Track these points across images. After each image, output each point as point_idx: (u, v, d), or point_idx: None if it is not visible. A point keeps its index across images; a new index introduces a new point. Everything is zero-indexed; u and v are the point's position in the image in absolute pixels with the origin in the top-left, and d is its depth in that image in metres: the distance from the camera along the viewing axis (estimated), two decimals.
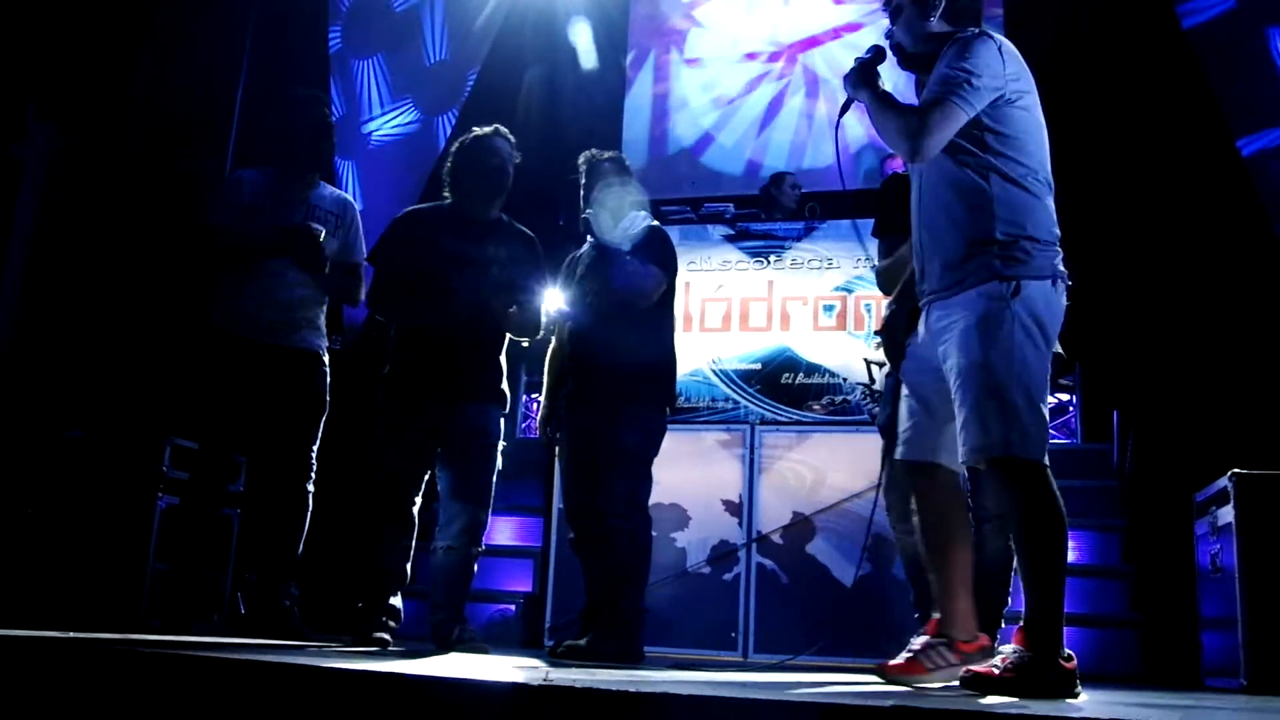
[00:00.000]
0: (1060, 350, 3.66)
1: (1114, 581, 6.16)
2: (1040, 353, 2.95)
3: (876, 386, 6.34)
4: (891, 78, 3.34)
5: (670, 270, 4.70)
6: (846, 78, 3.30)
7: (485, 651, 4.33)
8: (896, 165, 7.33)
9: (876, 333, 4.77)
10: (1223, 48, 7.74)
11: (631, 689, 1.85)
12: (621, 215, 4.75)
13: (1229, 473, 4.77)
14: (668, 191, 8.47)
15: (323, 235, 4.60)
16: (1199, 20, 7.84)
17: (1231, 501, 4.71)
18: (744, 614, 6.03)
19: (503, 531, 6.64)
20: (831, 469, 6.14)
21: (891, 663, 3.07)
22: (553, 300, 5.05)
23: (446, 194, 4.70)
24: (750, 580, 6.07)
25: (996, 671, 2.78)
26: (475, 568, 4.55)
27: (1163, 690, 4.25)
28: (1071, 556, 6.35)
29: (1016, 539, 2.98)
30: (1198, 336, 7.37)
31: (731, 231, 7.25)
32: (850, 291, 6.70)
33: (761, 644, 5.91)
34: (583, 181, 4.87)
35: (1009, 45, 3.13)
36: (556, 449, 4.95)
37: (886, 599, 5.71)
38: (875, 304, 6.38)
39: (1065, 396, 7.78)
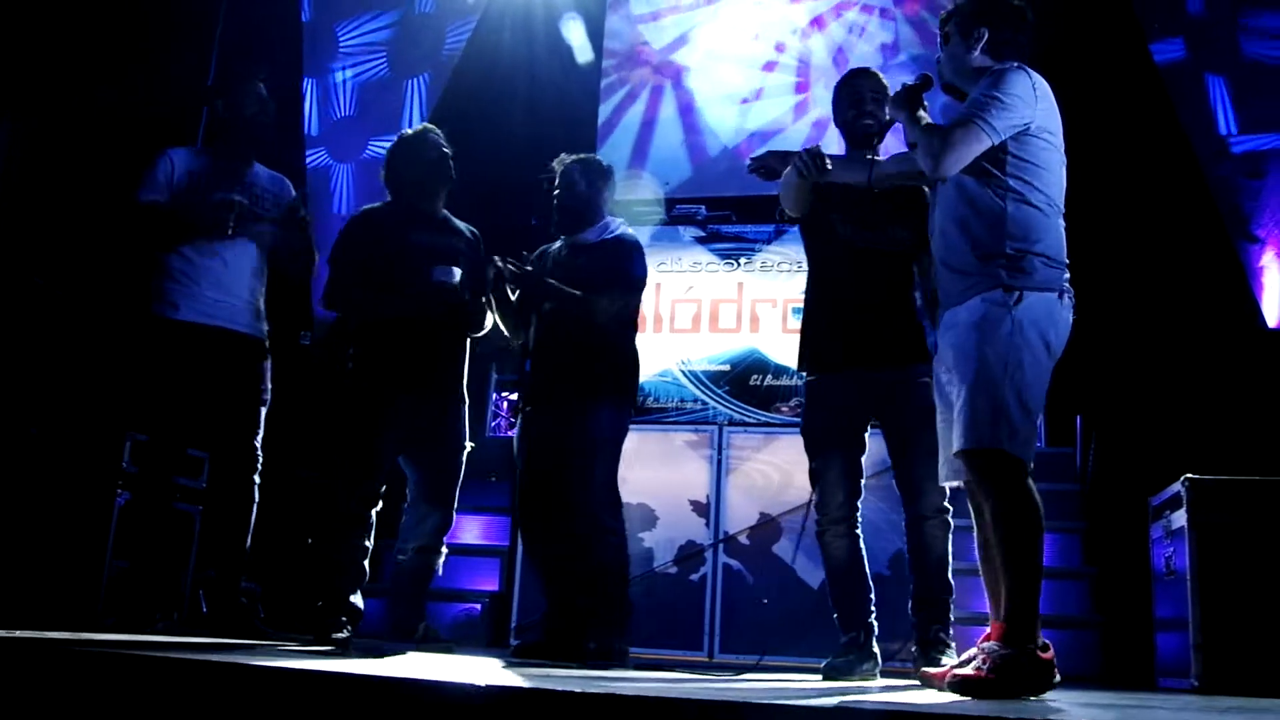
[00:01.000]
0: None
1: (1075, 583, 6.23)
2: (1037, 361, 3.06)
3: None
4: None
5: (626, 287, 4.72)
6: (892, 100, 3.45)
7: (450, 650, 4.38)
8: None
9: None
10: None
11: (584, 689, 1.89)
12: (592, 218, 4.78)
13: (1182, 478, 4.85)
14: (640, 192, 8.50)
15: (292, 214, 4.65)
16: (1165, 59, 8.03)
17: (1184, 506, 4.79)
18: (710, 614, 6.07)
19: (469, 530, 6.66)
20: (798, 470, 6.16)
21: (964, 673, 2.98)
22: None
23: (389, 195, 4.80)
24: (717, 580, 6.11)
25: (979, 672, 2.86)
26: (440, 569, 4.61)
27: (1116, 691, 4.32)
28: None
29: (995, 534, 3.05)
30: (1157, 345, 7.48)
31: (702, 233, 7.31)
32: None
33: (727, 644, 5.95)
34: (556, 183, 4.86)
35: (1043, 83, 3.25)
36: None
37: None
38: None
39: None
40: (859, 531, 4.18)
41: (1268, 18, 7.86)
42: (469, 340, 4.75)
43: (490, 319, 4.80)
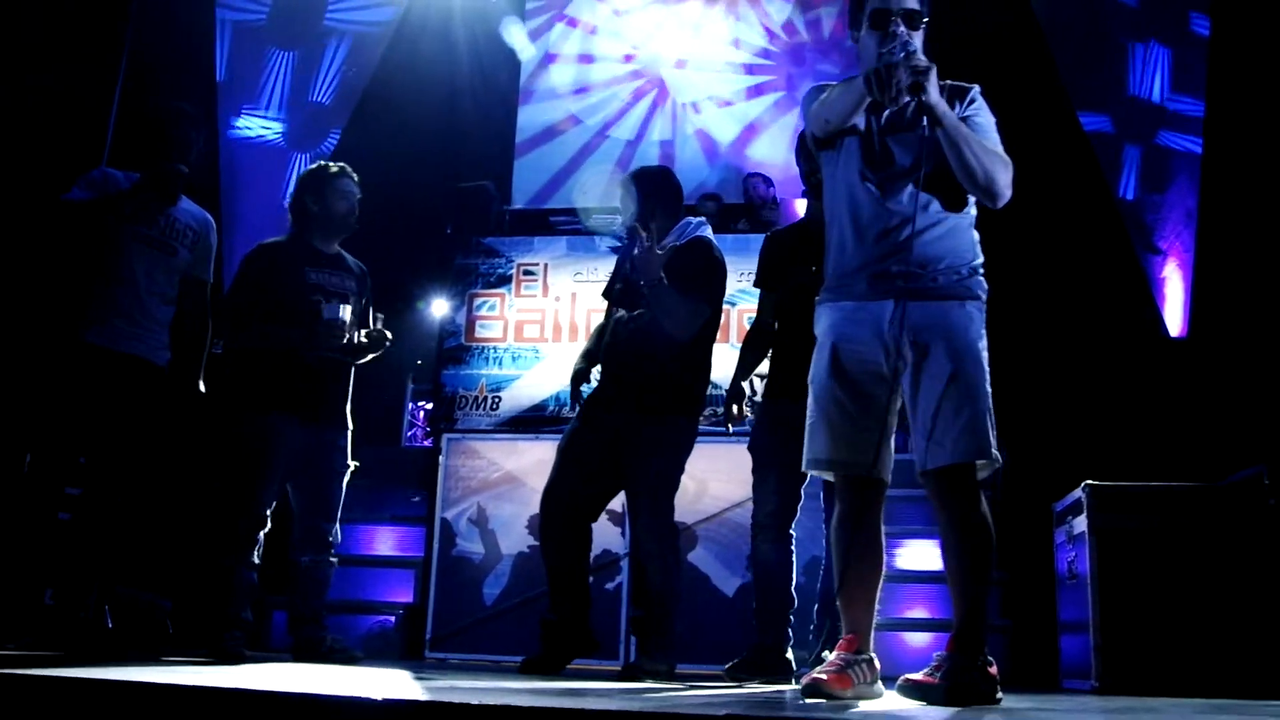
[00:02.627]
0: None
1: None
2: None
3: (758, 398, 6.45)
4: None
5: (713, 295, 4.64)
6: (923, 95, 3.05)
7: (357, 662, 4.38)
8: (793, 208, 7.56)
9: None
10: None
11: (481, 701, 1.90)
12: (669, 222, 4.73)
13: (1082, 484, 4.97)
14: (558, 201, 8.53)
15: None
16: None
17: (1085, 511, 4.90)
18: (625, 624, 6.08)
19: (384, 541, 6.61)
20: (713, 479, 6.24)
21: (821, 676, 2.95)
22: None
23: (292, 226, 4.86)
24: (632, 590, 6.13)
25: (933, 680, 2.88)
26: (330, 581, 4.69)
27: (1020, 694, 4.39)
28: (935, 564, 6.55)
29: (965, 545, 3.02)
30: (1064, 354, 7.65)
31: (619, 243, 7.32)
32: (733, 305, 6.79)
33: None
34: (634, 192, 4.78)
35: None
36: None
37: None
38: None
39: None
40: (791, 546, 4.37)
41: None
42: (353, 368, 4.83)
43: (373, 353, 4.86)
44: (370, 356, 4.85)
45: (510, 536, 6.44)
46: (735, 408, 4.66)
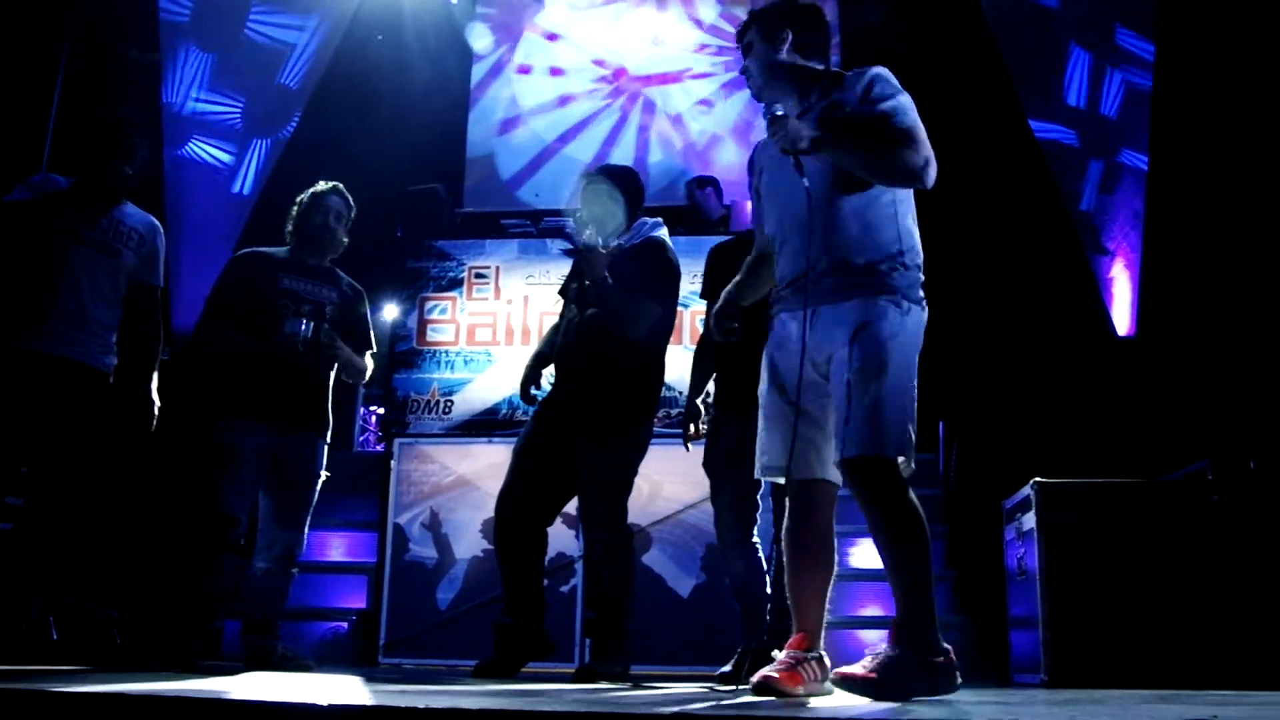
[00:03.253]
0: None
1: (938, 585, 6.37)
2: (915, 368, 3.07)
3: (710, 400, 6.47)
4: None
5: (663, 295, 4.62)
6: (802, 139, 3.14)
7: (309, 669, 4.35)
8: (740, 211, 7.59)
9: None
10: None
11: (427, 705, 1.90)
12: (625, 222, 4.72)
13: (1031, 481, 5.02)
14: (509, 205, 8.51)
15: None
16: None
17: (1034, 508, 4.95)
18: (579, 627, 6.08)
19: (336, 547, 6.58)
20: (667, 481, 6.25)
21: (771, 674, 2.99)
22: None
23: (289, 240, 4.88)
24: (586, 592, 6.12)
25: (862, 671, 2.88)
26: (289, 591, 4.65)
27: (968, 688, 4.42)
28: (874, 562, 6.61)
29: (885, 540, 3.02)
30: (1014, 352, 7.73)
31: (571, 246, 7.31)
32: (686, 307, 6.81)
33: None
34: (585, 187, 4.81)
35: None
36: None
37: (723, 609, 5.82)
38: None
39: None
40: (758, 554, 4.41)
41: None
42: (332, 377, 4.81)
43: (368, 367, 4.90)
44: (367, 373, 4.91)
45: (464, 541, 6.42)
46: (692, 426, 4.66)
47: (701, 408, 4.68)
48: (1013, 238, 8.01)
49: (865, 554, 6.53)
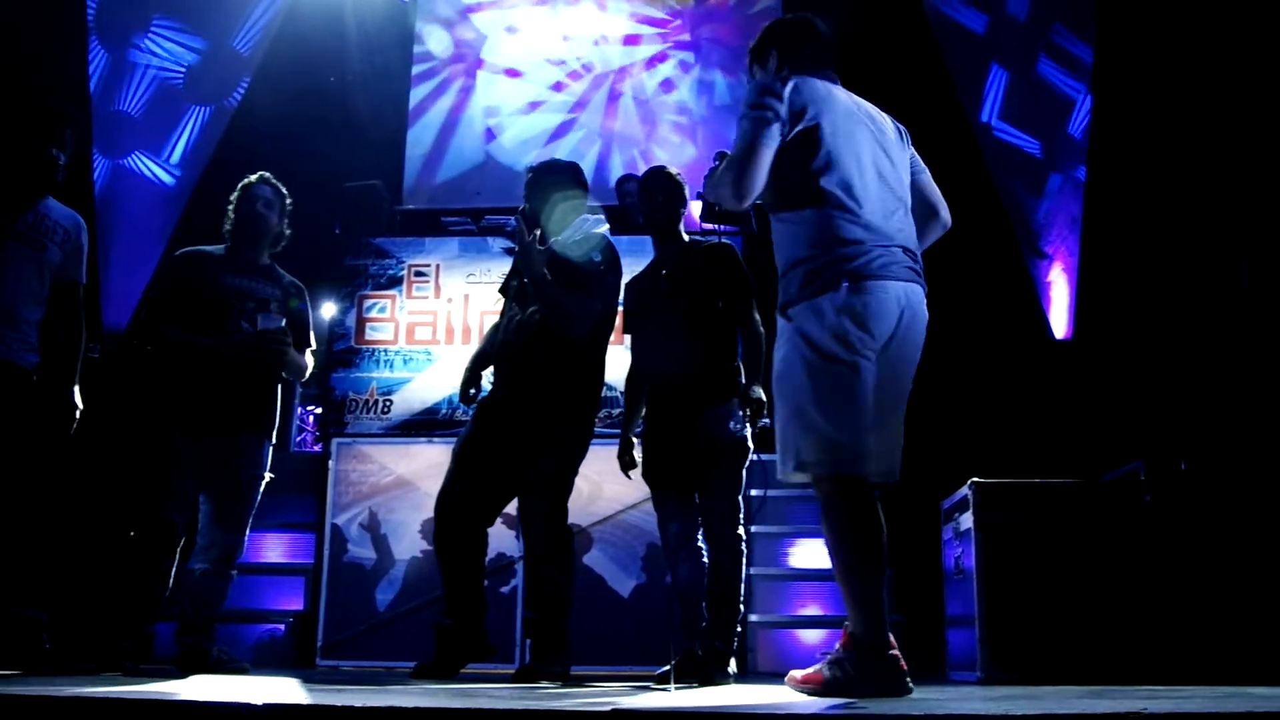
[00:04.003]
0: (760, 394, 4.24)
1: None
2: (820, 367, 3.01)
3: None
4: None
5: (603, 291, 4.59)
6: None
7: (245, 672, 4.30)
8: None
9: None
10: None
11: (365, 704, 1.88)
12: (567, 218, 4.68)
13: (969, 481, 5.07)
14: (450, 202, 8.45)
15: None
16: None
17: (971, 508, 5.00)
18: (520, 627, 6.06)
19: (273, 549, 6.48)
20: (608, 482, 6.23)
21: (800, 674, 3.05)
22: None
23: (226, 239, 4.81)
24: (526, 593, 6.09)
25: (805, 675, 2.98)
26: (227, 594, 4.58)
27: None
28: (828, 563, 6.64)
29: (831, 553, 3.06)
30: (953, 355, 7.79)
31: (512, 244, 7.28)
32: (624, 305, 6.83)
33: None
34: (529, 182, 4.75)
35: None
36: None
37: (663, 608, 5.83)
38: None
39: None
40: (702, 558, 4.40)
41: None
42: (278, 378, 4.75)
43: (308, 365, 4.87)
44: (305, 371, 4.89)
45: (403, 541, 6.38)
46: (628, 457, 4.65)
47: (635, 441, 4.66)
48: (952, 241, 8.08)
49: (804, 554, 6.57)
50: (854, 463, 2.99)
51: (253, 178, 4.82)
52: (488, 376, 4.79)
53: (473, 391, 4.71)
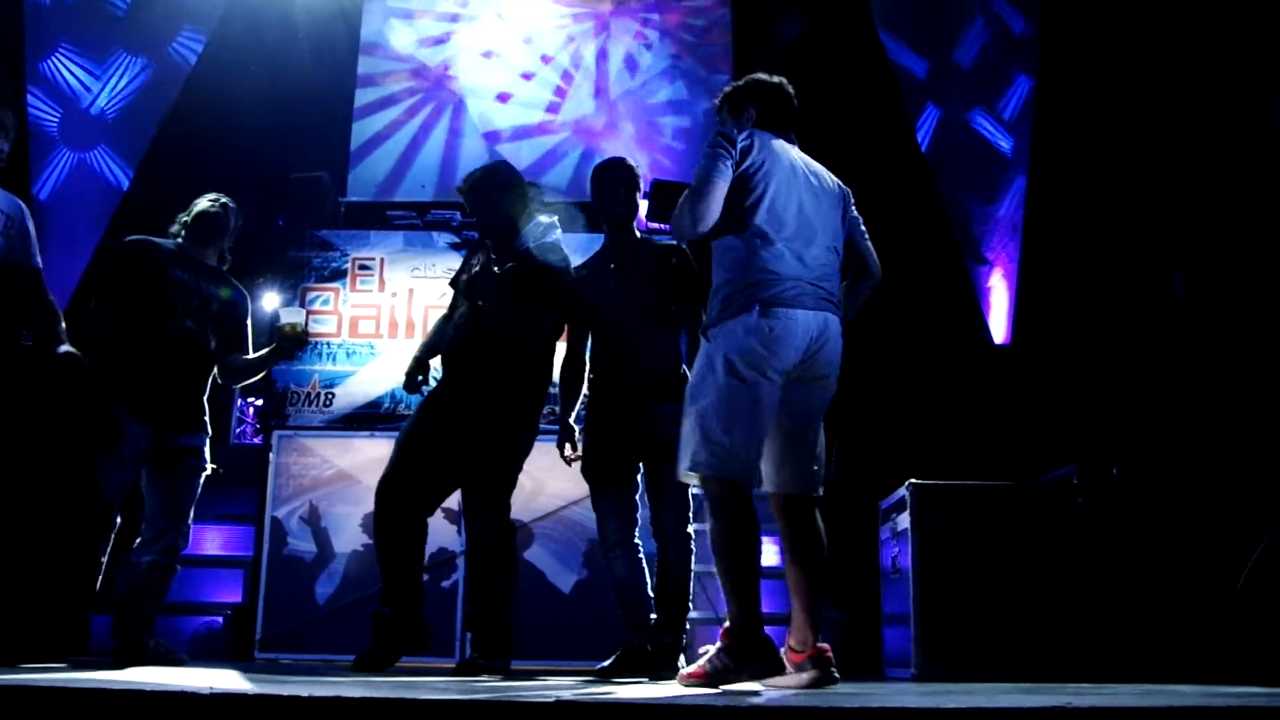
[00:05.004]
0: None
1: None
2: (728, 385, 3.26)
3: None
4: None
5: (555, 303, 4.61)
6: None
7: (183, 664, 4.28)
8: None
9: None
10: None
11: (310, 693, 1.89)
12: (523, 219, 4.66)
13: (906, 482, 5.15)
14: (395, 195, 8.41)
15: None
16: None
17: (909, 509, 5.08)
18: (460, 621, 6.07)
19: (211, 541, 6.43)
20: (550, 478, 6.25)
21: (687, 670, 3.31)
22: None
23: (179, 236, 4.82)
24: (468, 587, 6.10)
25: (690, 671, 3.22)
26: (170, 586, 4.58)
27: (841, 683, 4.52)
28: (774, 560, 6.70)
29: (714, 549, 3.31)
30: (895, 358, 7.91)
31: (458, 239, 7.28)
32: None
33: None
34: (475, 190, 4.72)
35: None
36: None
37: (605, 604, 5.85)
38: None
39: None
40: (638, 554, 4.50)
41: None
42: (211, 379, 4.78)
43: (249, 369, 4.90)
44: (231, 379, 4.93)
45: (343, 535, 6.36)
46: (568, 446, 4.68)
47: (575, 428, 4.69)
48: (894, 247, 8.18)
49: None
50: (742, 471, 3.27)
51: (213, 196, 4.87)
52: (434, 367, 4.79)
53: (420, 379, 4.70)
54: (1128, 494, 4.97)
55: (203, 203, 4.80)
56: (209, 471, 4.66)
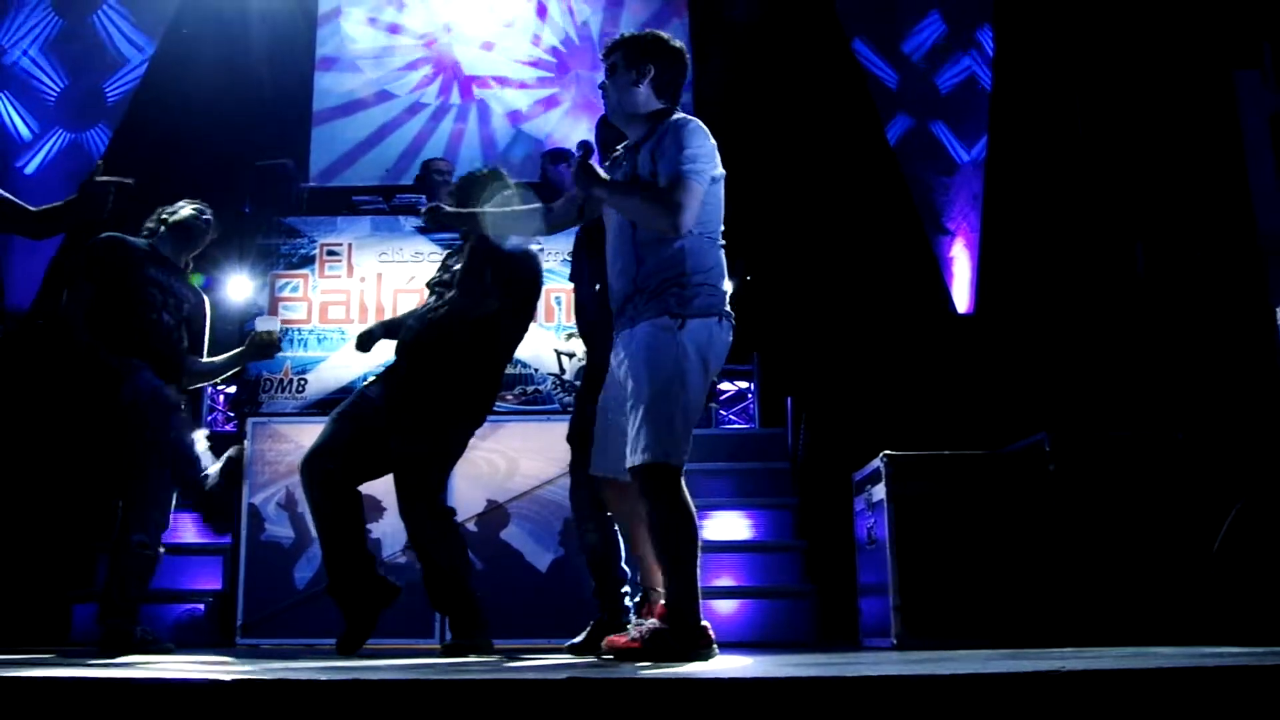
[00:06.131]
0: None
1: (787, 555, 6.63)
2: (698, 380, 3.38)
3: (567, 376, 6.54)
4: None
5: (505, 291, 4.62)
6: (579, 183, 3.55)
7: (170, 651, 4.29)
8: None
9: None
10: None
11: (323, 678, 1.92)
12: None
13: (881, 454, 5.23)
14: (359, 180, 8.41)
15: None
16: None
17: (884, 480, 5.16)
18: None
19: (189, 529, 6.43)
20: (524, 457, 6.31)
21: (620, 639, 3.40)
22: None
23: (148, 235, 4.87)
24: (425, 578, 6.13)
25: (625, 641, 3.31)
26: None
27: (823, 652, 4.62)
28: (749, 534, 6.80)
29: (655, 537, 3.40)
30: (860, 330, 8.00)
31: (424, 224, 7.27)
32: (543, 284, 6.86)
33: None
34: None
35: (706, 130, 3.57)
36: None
37: (581, 582, 5.90)
38: (565, 296, 6.54)
39: (745, 384, 8.26)
40: (613, 528, 4.48)
41: None
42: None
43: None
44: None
45: None
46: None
47: (568, 363, 4.74)
48: (858, 220, 8.27)
49: (717, 527, 6.70)
50: (683, 459, 3.36)
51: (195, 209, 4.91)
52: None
53: (369, 336, 4.81)
54: (1098, 461, 5.06)
55: (187, 210, 4.86)
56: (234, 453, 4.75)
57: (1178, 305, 7.08)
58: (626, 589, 4.46)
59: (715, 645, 3.31)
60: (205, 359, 4.97)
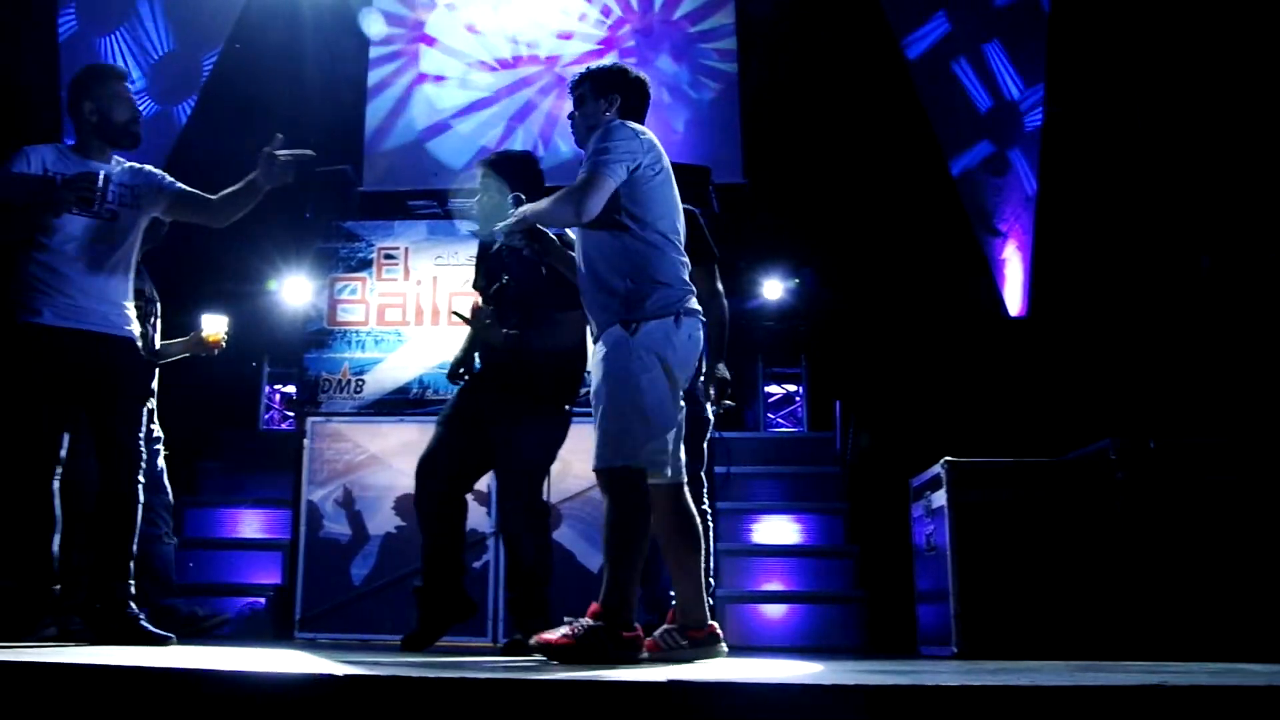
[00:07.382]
0: (725, 373, 4.58)
1: (838, 560, 6.63)
2: (656, 381, 3.44)
3: None
4: None
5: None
6: (514, 237, 3.69)
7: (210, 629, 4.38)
8: None
9: None
10: (934, 77, 8.55)
11: (425, 675, 1.94)
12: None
13: (942, 460, 5.20)
14: (413, 183, 8.42)
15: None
16: (918, 51, 8.59)
17: (944, 486, 5.14)
18: (493, 601, 6.17)
19: (250, 524, 6.55)
20: (577, 460, 6.28)
21: (552, 635, 3.41)
22: None
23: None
24: (499, 568, 6.19)
25: (558, 638, 3.32)
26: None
27: (880, 659, 4.60)
28: (798, 538, 6.80)
29: (606, 532, 3.45)
30: (913, 334, 7.95)
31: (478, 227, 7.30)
32: None
33: (512, 630, 6.04)
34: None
35: (646, 131, 3.65)
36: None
37: None
38: None
39: (793, 388, 8.26)
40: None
41: None
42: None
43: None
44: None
45: (377, 517, 6.46)
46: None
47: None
48: (908, 222, 8.23)
49: (766, 530, 6.71)
50: (655, 463, 3.46)
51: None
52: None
53: (462, 371, 4.79)
54: (1167, 468, 5.01)
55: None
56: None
57: (1243, 307, 7.00)
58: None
59: (640, 649, 3.40)
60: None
